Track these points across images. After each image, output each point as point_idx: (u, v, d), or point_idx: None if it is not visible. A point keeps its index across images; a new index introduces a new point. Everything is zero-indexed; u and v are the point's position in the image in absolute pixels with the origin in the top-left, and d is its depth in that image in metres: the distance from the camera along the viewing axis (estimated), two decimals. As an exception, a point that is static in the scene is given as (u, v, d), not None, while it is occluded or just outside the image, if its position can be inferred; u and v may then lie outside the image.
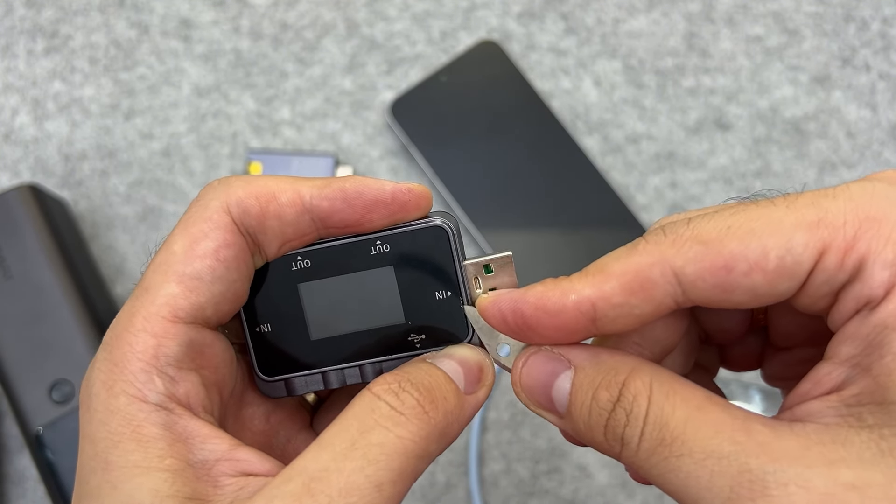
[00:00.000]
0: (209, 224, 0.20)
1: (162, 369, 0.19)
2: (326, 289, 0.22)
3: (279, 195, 0.21)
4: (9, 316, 0.42)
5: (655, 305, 0.19)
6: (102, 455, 0.19)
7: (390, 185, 0.21)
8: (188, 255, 0.20)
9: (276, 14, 0.54)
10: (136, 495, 0.18)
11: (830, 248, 0.18)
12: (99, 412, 0.19)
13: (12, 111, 0.52)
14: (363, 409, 0.19)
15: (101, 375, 0.19)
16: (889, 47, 0.53)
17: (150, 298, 0.20)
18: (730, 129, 0.52)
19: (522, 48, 0.53)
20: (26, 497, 0.46)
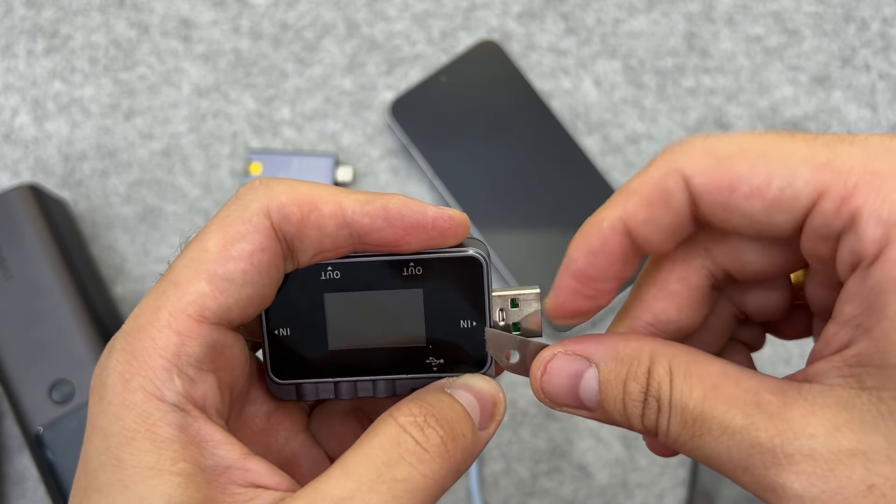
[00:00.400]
0: (247, 226, 0.20)
1: (182, 369, 0.19)
2: (352, 302, 0.22)
3: (322, 206, 0.20)
4: (9, 316, 0.42)
5: (676, 216, 0.20)
6: (115, 451, 0.18)
7: (432, 211, 0.21)
8: (222, 255, 0.20)
9: (276, 14, 0.54)
10: (148, 498, 0.18)
11: (829, 191, 0.18)
12: (113, 405, 0.19)
13: (12, 111, 0.52)
14: (389, 440, 0.19)
15: (119, 367, 0.19)
16: (889, 47, 0.53)
17: (178, 294, 0.19)
18: (730, 129, 0.52)
19: (522, 48, 0.53)
20: (26, 497, 0.46)
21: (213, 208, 0.50)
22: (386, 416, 0.20)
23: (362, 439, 0.20)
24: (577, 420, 0.47)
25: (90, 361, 0.42)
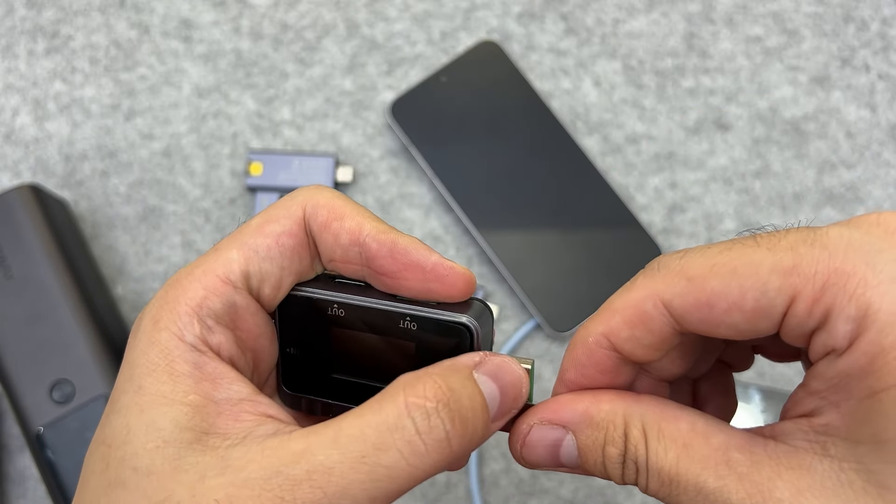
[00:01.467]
0: (284, 213, 0.23)
1: (202, 318, 0.22)
2: (354, 339, 0.24)
3: (346, 219, 0.23)
4: (9, 316, 0.42)
5: (658, 335, 0.21)
6: (137, 380, 0.21)
7: (435, 258, 0.22)
8: (257, 231, 0.23)
9: (276, 14, 0.54)
10: (158, 421, 0.20)
11: (801, 295, 0.19)
12: (142, 342, 0.21)
13: (13, 111, 0.52)
14: (387, 421, 0.20)
15: (153, 311, 0.22)
16: (888, 48, 0.53)
17: (214, 256, 0.22)
18: (729, 130, 0.52)
19: (522, 48, 0.53)
20: (27, 497, 0.46)
21: (213, 208, 0.50)
22: (398, 387, 0.20)
23: (365, 408, 0.20)
24: (576, 420, 0.47)
25: (91, 361, 0.42)
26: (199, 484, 0.19)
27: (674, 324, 0.21)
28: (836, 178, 0.51)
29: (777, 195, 0.51)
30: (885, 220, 0.19)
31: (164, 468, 0.19)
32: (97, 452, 0.21)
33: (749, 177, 0.51)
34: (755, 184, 0.51)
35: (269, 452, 0.20)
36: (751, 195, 0.51)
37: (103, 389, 0.41)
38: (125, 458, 0.20)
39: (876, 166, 0.51)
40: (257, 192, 0.49)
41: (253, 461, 0.19)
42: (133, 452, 0.20)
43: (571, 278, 0.48)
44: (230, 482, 0.19)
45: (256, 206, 0.49)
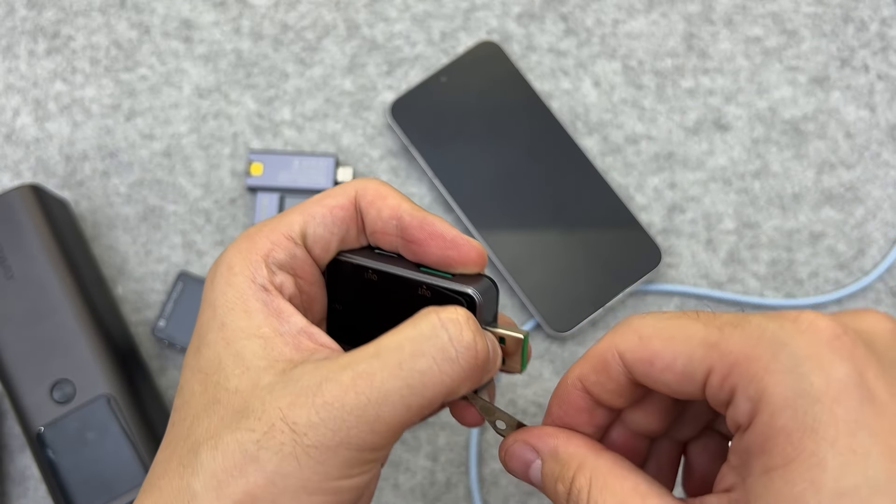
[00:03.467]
0: (340, 191, 0.28)
1: (269, 265, 0.26)
2: (383, 301, 0.28)
3: (388, 198, 0.27)
4: (10, 316, 0.42)
5: (616, 382, 0.24)
6: (220, 318, 0.25)
7: (454, 232, 0.27)
8: (316, 202, 0.28)
9: (276, 15, 0.54)
10: (242, 353, 0.25)
11: (715, 370, 0.22)
12: (220, 284, 0.26)
13: (14, 112, 0.52)
14: (423, 332, 0.24)
15: (227, 259, 0.26)
16: (888, 48, 0.53)
17: (280, 219, 0.27)
18: (729, 130, 0.52)
19: (522, 49, 0.53)
20: (27, 496, 0.46)
21: (213, 208, 0.50)
22: (429, 311, 0.25)
23: (402, 326, 0.24)
24: (576, 419, 0.48)
25: (91, 361, 0.42)
26: (269, 396, 0.23)
27: (628, 374, 0.24)
28: (835, 179, 0.51)
29: (776, 195, 0.51)
30: (802, 318, 0.21)
31: (247, 387, 0.24)
32: (195, 378, 0.25)
33: (748, 177, 0.51)
34: (754, 184, 0.51)
35: (321, 367, 0.24)
36: (750, 195, 0.51)
37: (104, 389, 0.41)
38: (219, 382, 0.24)
39: (875, 166, 0.51)
40: (258, 192, 0.50)
41: (307, 374, 0.24)
42: (225, 377, 0.24)
43: (571, 278, 0.48)
44: (290, 392, 0.23)
45: (257, 206, 0.49)
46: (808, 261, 0.50)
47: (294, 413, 0.23)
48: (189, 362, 0.26)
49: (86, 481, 0.40)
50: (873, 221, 0.50)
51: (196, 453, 0.23)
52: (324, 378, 0.23)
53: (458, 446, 0.47)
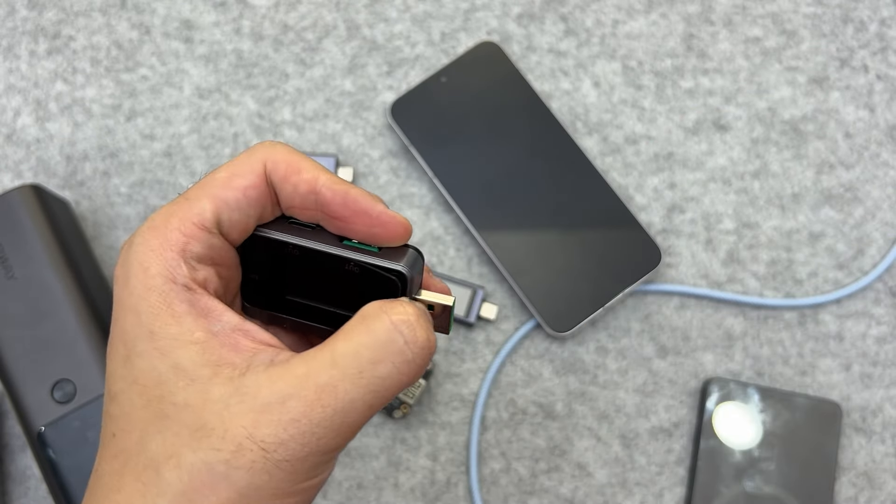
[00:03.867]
0: (248, 167, 0.26)
1: (188, 260, 0.24)
2: (307, 272, 0.27)
3: (303, 172, 0.26)
4: (11, 315, 0.42)
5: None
6: (147, 325, 0.24)
7: (380, 207, 0.26)
8: (225, 184, 0.25)
9: (276, 15, 0.54)
10: (181, 363, 0.23)
11: None
12: (138, 288, 0.24)
13: (14, 112, 0.52)
14: (379, 338, 0.24)
15: (139, 257, 0.24)
16: (887, 48, 0.53)
17: (188, 206, 0.25)
18: (728, 130, 0.52)
19: (522, 49, 0.53)
20: (28, 496, 0.46)
21: (214, 209, 0.51)
22: (378, 311, 0.25)
23: (353, 329, 0.24)
24: (576, 419, 0.48)
25: (92, 361, 0.42)
26: (226, 412, 0.23)
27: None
28: (834, 179, 0.51)
29: (776, 195, 0.51)
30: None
31: (197, 402, 0.23)
32: (132, 389, 0.24)
33: (748, 177, 0.51)
34: (754, 184, 0.51)
35: (276, 378, 0.23)
36: (749, 195, 0.51)
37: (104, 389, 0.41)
38: (164, 396, 0.23)
39: (874, 167, 0.51)
40: (258, 192, 0.50)
41: (263, 387, 0.23)
42: (169, 391, 0.23)
43: (571, 278, 0.48)
44: (250, 408, 0.23)
45: (257, 207, 0.49)
46: (808, 261, 0.50)
47: (261, 432, 0.22)
48: (118, 371, 0.24)
49: (86, 481, 0.40)
50: (872, 221, 0.50)
51: (157, 472, 0.23)
52: (286, 395, 0.23)
53: (458, 446, 0.47)
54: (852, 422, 0.48)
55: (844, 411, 0.48)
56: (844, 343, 0.49)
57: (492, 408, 0.48)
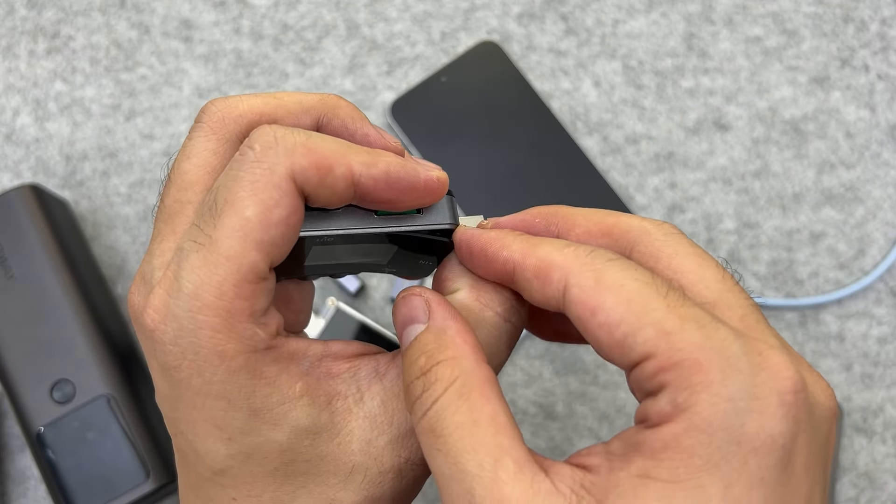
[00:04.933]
0: (279, 192, 0.21)
1: (258, 321, 0.22)
2: (343, 250, 0.25)
3: (335, 168, 0.22)
4: (10, 315, 0.42)
5: (546, 298, 0.22)
6: (244, 406, 0.22)
7: (423, 174, 0.23)
8: (263, 224, 0.21)
9: (276, 15, 0.54)
10: (298, 425, 0.22)
11: (655, 358, 0.19)
12: (219, 376, 0.21)
13: (14, 112, 0.52)
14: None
15: (209, 343, 0.21)
16: (888, 48, 0.53)
17: (234, 267, 0.21)
18: (729, 130, 0.52)
19: (522, 49, 0.53)
20: (27, 496, 0.46)
21: (213, 208, 0.50)
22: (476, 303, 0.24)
23: None
24: (576, 420, 0.48)
25: (91, 361, 0.42)
26: (372, 449, 0.23)
27: (560, 301, 0.21)
28: (835, 179, 0.51)
29: (776, 195, 0.51)
30: (770, 357, 0.19)
31: (333, 450, 0.22)
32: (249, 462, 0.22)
33: (749, 177, 0.51)
34: (755, 184, 0.51)
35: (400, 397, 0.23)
36: (750, 195, 0.51)
37: (104, 389, 0.41)
38: (293, 459, 0.22)
39: (875, 166, 0.51)
40: (258, 192, 0.50)
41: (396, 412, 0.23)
42: (298, 453, 0.22)
43: (571, 278, 0.48)
44: (397, 436, 0.23)
45: (257, 207, 0.49)
46: (809, 261, 0.50)
47: (416, 454, 0.23)
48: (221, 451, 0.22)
49: (86, 481, 0.40)
50: (873, 221, 0.50)
51: None
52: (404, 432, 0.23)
53: (458, 446, 0.47)
54: (853, 422, 0.47)
55: (845, 412, 0.48)
56: (845, 343, 0.49)
57: (492, 408, 0.48)
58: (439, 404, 0.20)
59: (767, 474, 0.18)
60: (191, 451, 0.23)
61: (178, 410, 0.22)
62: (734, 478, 0.18)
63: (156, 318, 0.21)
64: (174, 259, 0.22)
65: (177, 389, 0.22)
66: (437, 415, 0.20)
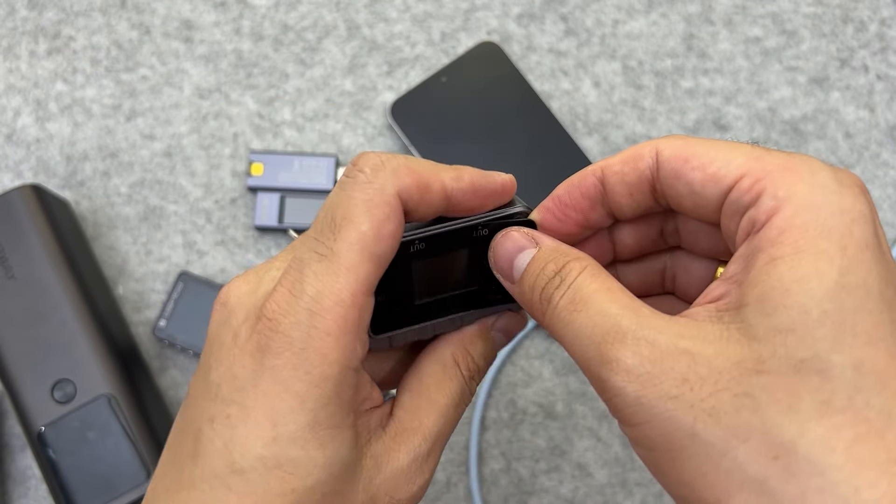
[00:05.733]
0: (389, 208, 0.24)
1: (361, 337, 0.23)
2: (434, 264, 0.27)
3: (432, 185, 0.25)
4: (11, 315, 0.42)
5: (638, 175, 0.24)
6: (312, 413, 0.23)
7: (500, 178, 0.26)
8: (377, 237, 0.23)
9: (276, 15, 0.54)
10: (340, 452, 0.23)
11: (749, 174, 0.22)
12: (314, 377, 0.23)
13: (15, 112, 0.52)
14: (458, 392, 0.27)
15: (316, 344, 0.23)
16: (887, 48, 0.53)
17: (353, 277, 0.23)
18: (728, 130, 0.52)
19: (522, 49, 0.53)
20: (28, 496, 0.46)
21: (214, 209, 0.51)
22: (454, 369, 0.27)
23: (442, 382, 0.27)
24: (576, 419, 0.48)
25: (92, 361, 0.42)
26: (370, 486, 0.24)
27: (654, 171, 0.24)
28: (834, 179, 0.51)
29: (776, 195, 0.51)
30: (852, 182, 0.22)
31: (346, 488, 0.24)
32: (272, 475, 0.23)
33: (748, 177, 0.51)
34: (754, 184, 0.51)
35: (398, 444, 0.25)
36: (750, 195, 0.51)
37: (104, 389, 0.41)
38: (314, 486, 0.23)
39: (875, 167, 0.51)
40: (258, 192, 0.50)
41: (391, 453, 0.25)
42: (321, 481, 0.23)
43: (571, 278, 0.48)
44: (390, 476, 0.25)
45: (257, 207, 0.49)
46: (808, 261, 0.50)
47: (399, 493, 0.25)
48: (256, 449, 0.23)
49: (86, 481, 0.40)
50: (873, 221, 0.50)
51: None
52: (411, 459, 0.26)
53: (458, 446, 0.47)
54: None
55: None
56: (845, 343, 0.49)
57: (492, 408, 0.48)
58: (576, 282, 0.23)
59: (870, 241, 0.21)
60: (222, 439, 0.23)
61: (244, 392, 0.23)
62: (846, 240, 0.20)
63: (276, 309, 0.23)
64: (293, 267, 0.23)
65: (259, 373, 0.23)
66: (574, 290, 0.23)
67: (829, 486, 0.18)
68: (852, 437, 0.18)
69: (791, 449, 0.19)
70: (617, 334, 0.21)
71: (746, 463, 0.19)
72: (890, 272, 0.21)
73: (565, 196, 0.26)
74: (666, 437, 0.20)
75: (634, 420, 0.21)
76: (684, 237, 0.27)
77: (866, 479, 0.18)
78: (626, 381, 0.21)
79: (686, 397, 0.20)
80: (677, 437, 0.20)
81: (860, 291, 0.20)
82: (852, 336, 0.19)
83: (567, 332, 0.23)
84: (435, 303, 0.27)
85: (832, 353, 0.19)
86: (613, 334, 0.21)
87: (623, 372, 0.21)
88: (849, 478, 0.18)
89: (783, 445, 0.19)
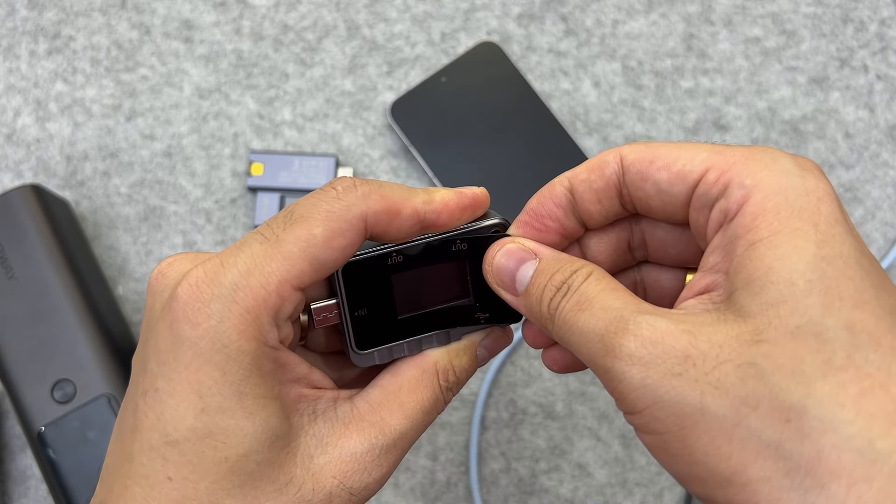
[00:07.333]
0: (347, 226, 0.25)
1: (279, 322, 0.24)
2: (413, 277, 0.27)
3: (402, 211, 0.26)
4: (12, 315, 0.42)
5: (605, 181, 0.26)
6: (235, 385, 0.23)
7: (471, 192, 0.28)
8: (325, 245, 0.24)
9: (276, 15, 0.54)
10: (268, 422, 0.24)
11: (714, 167, 0.23)
12: (231, 349, 0.23)
13: (15, 112, 0.52)
14: (431, 399, 0.27)
15: (233, 319, 0.23)
16: (887, 48, 0.53)
17: (286, 266, 0.24)
18: (728, 130, 0.52)
19: (522, 49, 0.53)
20: (28, 496, 0.46)
21: (214, 209, 0.51)
22: (433, 376, 0.27)
23: (416, 387, 0.27)
24: (576, 419, 0.48)
25: (92, 361, 0.42)
26: (312, 464, 0.25)
27: (619, 177, 0.25)
28: (834, 179, 0.51)
29: (776, 195, 0.51)
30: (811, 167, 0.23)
31: (281, 458, 0.24)
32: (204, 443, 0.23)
33: (748, 177, 0.51)
34: (754, 184, 0.51)
35: (351, 427, 0.26)
36: (750, 195, 0.51)
37: (104, 389, 0.41)
38: (247, 454, 0.24)
39: (874, 167, 0.51)
40: (258, 192, 0.50)
41: (342, 436, 0.26)
42: (254, 450, 0.24)
43: (571, 278, 0.48)
44: (337, 459, 0.25)
45: (257, 207, 0.49)
46: (808, 261, 0.50)
47: (350, 480, 0.25)
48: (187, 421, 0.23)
49: (86, 481, 0.40)
50: (872, 222, 0.50)
51: None
52: (370, 445, 0.26)
53: (458, 446, 0.47)
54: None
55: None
56: (844, 343, 0.49)
57: (492, 408, 0.48)
58: (582, 286, 0.24)
59: (838, 216, 0.22)
60: (155, 412, 0.24)
61: (168, 366, 0.24)
62: (817, 217, 0.21)
63: (202, 278, 0.24)
64: (236, 244, 0.25)
65: (179, 346, 0.23)
66: (580, 293, 0.24)
67: (843, 440, 0.19)
68: (858, 392, 0.19)
69: (801, 410, 0.19)
70: (619, 324, 0.22)
71: (760, 429, 0.19)
72: (860, 243, 0.22)
73: (539, 207, 0.28)
74: (675, 416, 0.20)
75: (641, 404, 0.21)
76: (651, 247, 0.28)
77: (878, 431, 0.18)
78: (630, 364, 0.21)
79: (690, 373, 0.20)
80: (687, 413, 0.20)
81: (839, 261, 0.21)
82: (840, 300, 0.20)
83: (573, 332, 0.23)
84: (417, 318, 0.28)
85: (825, 317, 0.20)
86: (616, 324, 0.22)
87: (626, 357, 0.21)
88: (861, 431, 0.18)
89: (793, 407, 0.19)
